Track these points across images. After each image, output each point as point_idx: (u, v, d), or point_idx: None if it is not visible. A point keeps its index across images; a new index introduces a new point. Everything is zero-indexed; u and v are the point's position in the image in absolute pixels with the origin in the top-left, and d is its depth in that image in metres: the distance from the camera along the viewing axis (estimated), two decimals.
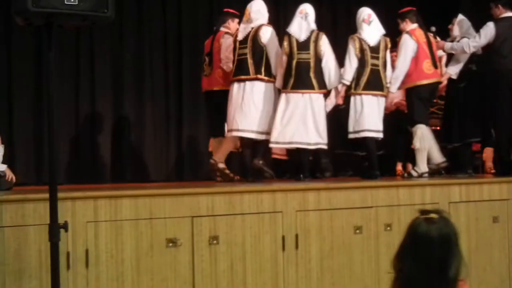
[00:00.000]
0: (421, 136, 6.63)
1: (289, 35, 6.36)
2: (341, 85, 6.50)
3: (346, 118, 6.64)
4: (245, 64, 6.40)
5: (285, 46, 6.33)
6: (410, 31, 6.76)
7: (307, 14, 6.44)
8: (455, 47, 6.94)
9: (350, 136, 6.52)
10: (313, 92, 6.28)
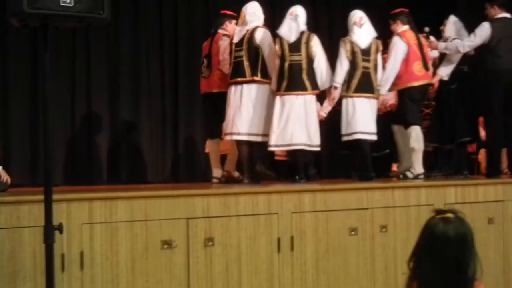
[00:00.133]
0: (416, 137, 6.64)
1: (280, 37, 6.37)
2: (332, 88, 6.48)
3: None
4: (241, 66, 6.40)
5: (277, 49, 6.34)
6: (401, 32, 6.76)
7: (297, 15, 6.44)
8: (449, 47, 6.95)
9: (343, 138, 6.51)
10: (307, 94, 6.29)
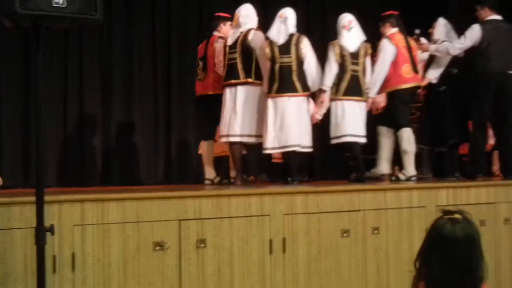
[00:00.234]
0: (407, 139, 6.65)
1: (270, 40, 6.38)
2: (321, 91, 6.46)
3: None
4: (235, 68, 6.41)
5: (267, 52, 6.34)
6: (390, 35, 6.78)
7: (287, 18, 6.44)
8: (440, 49, 6.96)
9: (332, 141, 6.53)
10: (298, 95, 6.30)
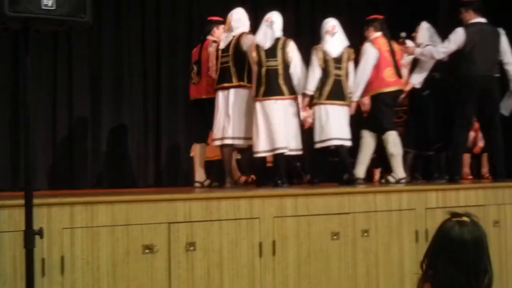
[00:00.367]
0: (393, 142, 6.65)
1: (256, 44, 6.39)
2: (304, 95, 6.48)
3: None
4: (228, 72, 6.43)
5: (254, 56, 6.35)
6: (373, 39, 6.80)
7: (273, 22, 6.46)
8: (424, 52, 6.95)
9: (316, 146, 6.53)
10: (284, 99, 6.31)
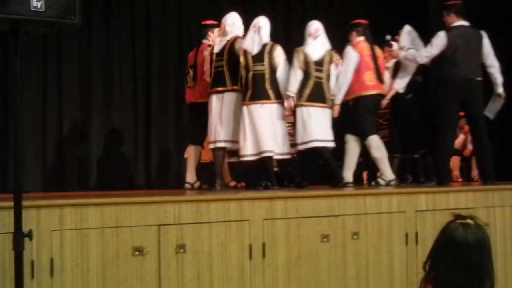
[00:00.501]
0: (376, 146, 6.66)
1: (244, 49, 6.40)
2: (287, 97, 6.48)
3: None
4: (222, 76, 6.46)
5: (241, 60, 6.37)
6: (354, 43, 6.83)
7: (260, 27, 6.48)
8: (408, 56, 6.96)
9: (299, 147, 6.54)
10: (270, 103, 6.34)
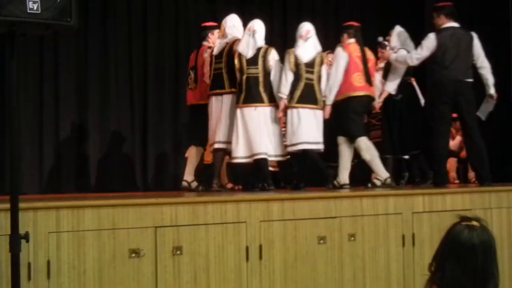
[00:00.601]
0: (366, 148, 6.65)
1: (238, 52, 6.41)
2: (280, 99, 6.48)
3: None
4: (221, 78, 6.47)
5: (236, 63, 6.38)
6: (344, 44, 6.83)
7: (255, 31, 6.48)
8: (399, 59, 6.96)
9: (288, 149, 6.55)
10: (264, 106, 6.35)
